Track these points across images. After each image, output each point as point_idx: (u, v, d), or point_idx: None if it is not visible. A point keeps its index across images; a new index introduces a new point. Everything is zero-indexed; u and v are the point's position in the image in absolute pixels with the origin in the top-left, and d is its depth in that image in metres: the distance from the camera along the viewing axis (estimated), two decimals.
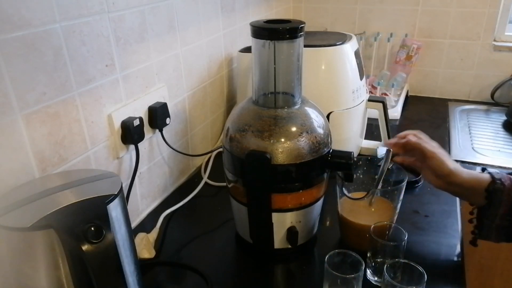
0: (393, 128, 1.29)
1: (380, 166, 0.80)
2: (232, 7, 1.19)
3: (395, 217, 0.80)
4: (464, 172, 0.74)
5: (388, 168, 0.80)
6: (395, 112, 1.40)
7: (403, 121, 1.41)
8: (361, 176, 0.85)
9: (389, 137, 1.13)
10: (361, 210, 0.80)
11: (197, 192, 1.00)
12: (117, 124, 0.79)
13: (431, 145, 0.77)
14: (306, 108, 0.75)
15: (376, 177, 0.80)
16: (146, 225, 0.90)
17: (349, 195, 0.80)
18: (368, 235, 0.72)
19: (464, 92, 1.61)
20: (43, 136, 0.64)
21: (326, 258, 0.66)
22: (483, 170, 0.81)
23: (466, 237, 0.86)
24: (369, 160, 0.85)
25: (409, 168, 0.81)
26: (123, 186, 0.56)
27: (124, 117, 0.80)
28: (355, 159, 0.78)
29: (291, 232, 0.77)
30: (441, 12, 1.53)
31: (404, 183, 0.77)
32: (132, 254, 0.59)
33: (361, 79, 1.05)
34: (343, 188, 0.79)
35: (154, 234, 0.85)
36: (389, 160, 0.79)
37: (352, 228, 0.79)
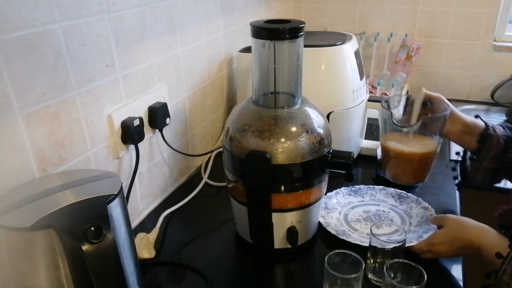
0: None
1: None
2: (232, 7, 1.19)
3: (438, 148, 0.82)
4: (465, 115, 0.84)
5: (425, 104, 0.82)
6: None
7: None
8: (398, 113, 0.86)
9: None
10: (405, 141, 0.82)
11: (197, 192, 1.00)
12: (117, 124, 0.79)
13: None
14: (306, 108, 0.75)
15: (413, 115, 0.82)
16: (146, 225, 0.90)
17: (399, 124, 0.81)
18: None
19: (464, 92, 1.61)
20: (43, 136, 0.64)
21: (326, 258, 0.66)
22: (476, 116, 0.87)
23: None
24: (407, 98, 0.86)
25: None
26: (123, 186, 0.56)
27: (124, 117, 0.80)
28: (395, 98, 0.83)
29: (291, 232, 0.77)
30: (441, 12, 1.53)
31: (447, 113, 0.80)
32: (132, 254, 0.59)
33: (361, 79, 1.05)
34: (393, 119, 0.81)
35: (154, 234, 0.85)
36: (422, 97, 0.81)
37: (399, 156, 0.81)
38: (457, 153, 1.02)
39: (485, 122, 0.83)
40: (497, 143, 0.81)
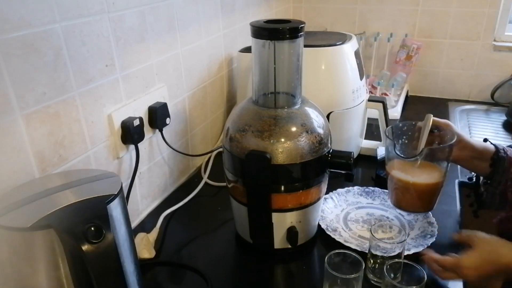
0: None
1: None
2: (232, 7, 1.19)
3: (445, 177, 0.79)
4: (473, 140, 0.82)
5: (432, 131, 0.80)
6: (395, 112, 1.40)
7: (403, 121, 1.41)
8: (406, 141, 0.83)
9: None
10: (411, 170, 0.79)
11: (197, 192, 1.00)
12: (117, 124, 0.79)
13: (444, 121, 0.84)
14: (306, 108, 0.75)
15: (420, 142, 0.79)
16: (146, 225, 0.90)
17: (402, 155, 0.79)
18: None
19: (464, 92, 1.61)
20: (43, 136, 0.64)
21: (326, 258, 0.66)
22: (485, 140, 0.84)
23: None
24: (414, 125, 0.84)
25: None
26: (123, 186, 0.56)
27: (124, 117, 0.80)
28: (400, 125, 0.82)
29: (291, 232, 0.77)
30: (441, 12, 1.53)
31: (453, 142, 0.76)
32: (132, 254, 0.59)
33: (361, 79, 1.05)
34: (396, 150, 0.78)
35: (154, 234, 0.85)
36: (430, 125, 0.79)
37: (405, 186, 0.78)
38: (470, 179, 0.98)
39: (495, 145, 0.81)
40: (510, 165, 0.78)
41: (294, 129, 0.71)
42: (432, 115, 0.80)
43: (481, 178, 0.87)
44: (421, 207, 0.81)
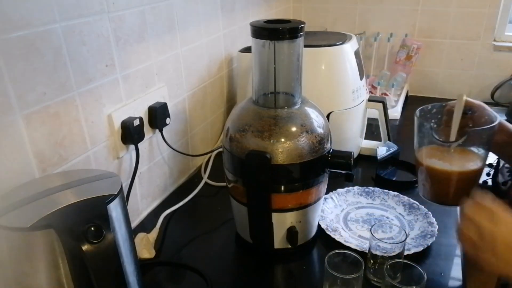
0: (393, 128, 1.29)
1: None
2: (232, 7, 1.19)
3: (484, 164, 0.70)
4: (510, 124, 0.74)
5: (464, 113, 0.72)
6: (395, 112, 1.40)
7: (403, 121, 1.41)
8: (435, 125, 0.74)
9: (389, 137, 1.13)
10: (447, 157, 0.70)
11: (197, 192, 1.00)
12: (117, 124, 0.79)
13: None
14: (306, 108, 0.75)
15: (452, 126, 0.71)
16: (146, 225, 0.90)
17: (441, 139, 0.69)
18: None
19: (464, 92, 1.58)
20: (43, 136, 0.64)
21: (326, 258, 0.66)
22: None
23: None
24: (443, 106, 0.76)
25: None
26: (123, 186, 0.56)
27: (124, 117, 0.80)
28: (429, 107, 0.74)
29: (291, 232, 0.77)
30: (441, 12, 1.53)
31: (497, 123, 0.68)
32: (132, 254, 0.59)
33: (361, 79, 1.05)
34: (434, 134, 0.69)
35: (154, 234, 0.85)
36: (462, 106, 0.71)
37: (440, 176, 0.70)
38: (490, 165, 0.90)
39: None
40: None
41: (294, 129, 0.71)
42: (465, 95, 0.71)
43: (501, 164, 0.80)
44: (459, 199, 0.68)
